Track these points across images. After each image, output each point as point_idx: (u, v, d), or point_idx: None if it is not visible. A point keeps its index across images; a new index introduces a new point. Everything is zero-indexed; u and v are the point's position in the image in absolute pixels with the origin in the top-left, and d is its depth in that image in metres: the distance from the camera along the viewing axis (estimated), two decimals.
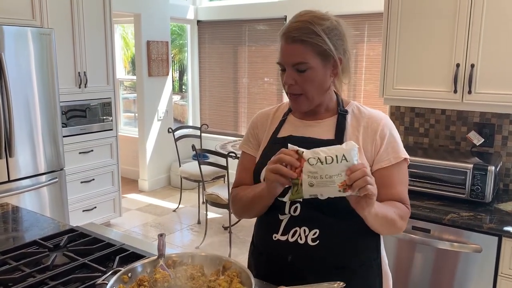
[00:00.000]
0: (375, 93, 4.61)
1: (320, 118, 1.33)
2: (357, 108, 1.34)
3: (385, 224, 1.22)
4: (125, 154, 5.89)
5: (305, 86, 1.24)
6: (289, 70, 1.24)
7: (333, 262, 1.27)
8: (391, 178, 1.28)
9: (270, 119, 1.42)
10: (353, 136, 1.28)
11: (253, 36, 5.67)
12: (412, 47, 2.33)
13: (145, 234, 4.36)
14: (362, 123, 1.30)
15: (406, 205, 1.30)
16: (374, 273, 1.34)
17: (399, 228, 1.28)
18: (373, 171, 1.27)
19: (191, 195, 5.42)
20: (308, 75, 1.23)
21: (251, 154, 1.41)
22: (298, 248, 1.26)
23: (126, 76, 7.06)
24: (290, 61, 1.23)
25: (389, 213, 1.22)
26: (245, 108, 5.91)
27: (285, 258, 1.28)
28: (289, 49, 1.22)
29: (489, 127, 2.44)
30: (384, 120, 1.31)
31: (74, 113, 3.92)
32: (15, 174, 3.19)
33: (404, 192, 1.31)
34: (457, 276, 2.04)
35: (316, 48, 1.21)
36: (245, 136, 1.46)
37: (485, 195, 2.11)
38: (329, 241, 1.25)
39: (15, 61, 3.10)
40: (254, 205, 1.31)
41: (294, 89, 1.25)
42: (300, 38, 1.20)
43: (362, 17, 4.70)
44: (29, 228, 1.80)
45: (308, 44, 1.21)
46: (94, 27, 3.98)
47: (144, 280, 1.15)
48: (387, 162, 1.27)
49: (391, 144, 1.28)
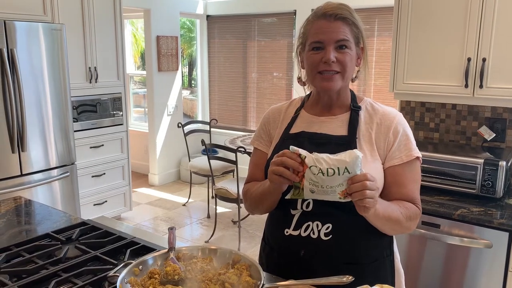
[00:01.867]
0: (385, 88, 4.58)
1: (333, 114, 1.32)
2: (370, 105, 1.33)
3: (387, 224, 1.22)
4: (136, 149, 5.93)
5: (345, 63, 1.24)
6: (330, 47, 1.23)
7: (345, 257, 1.26)
8: (403, 177, 1.26)
9: (282, 115, 1.41)
10: (366, 133, 1.27)
11: (263, 31, 5.65)
12: (422, 41, 2.31)
13: (155, 228, 4.39)
14: (375, 120, 1.29)
15: (416, 205, 1.29)
16: (386, 270, 1.33)
17: (406, 228, 1.27)
18: (385, 168, 1.26)
19: (201, 189, 5.45)
20: (347, 53, 1.24)
21: (263, 150, 1.41)
22: (310, 242, 1.25)
23: (136, 71, 7.09)
24: (334, 37, 1.23)
25: (393, 214, 1.20)
26: (254, 103, 5.90)
27: (297, 253, 1.28)
28: (332, 26, 1.23)
29: (500, 122, 2.41)
30: (398, 118, 1.30)
31: (85, 108, 3.95)
32: (28, 168, 3.23)
33: (416, 192, 1.29)
34: (467, 272, 2.03)
35: (353, 29, 1.25)
36: (257, 131, 1.45)
37: (496, 191, 2.09)
38: (342, 236, 1.24)
39: (27, 57, 3.13)
40: (263, 201, 1.32)
41: (334, 66, 1.24)
42: (344, 16, 1.23)
43: (373, 11, 4.66)
44: (41, 221, 1.82)
45: (349, 23, 1.24)
46: (105, 22, 4.00)
47: (155, 272, 1.16)
48: (399, 160, 1.26)
49: (404, 142, 1.27)
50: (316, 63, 1.24)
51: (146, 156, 5.88)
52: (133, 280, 1.13)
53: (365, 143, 1.26)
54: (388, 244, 1.34)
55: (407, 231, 1.30)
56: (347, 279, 1.12)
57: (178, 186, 5.70)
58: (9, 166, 3.12)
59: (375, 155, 1.25)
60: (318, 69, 1.25)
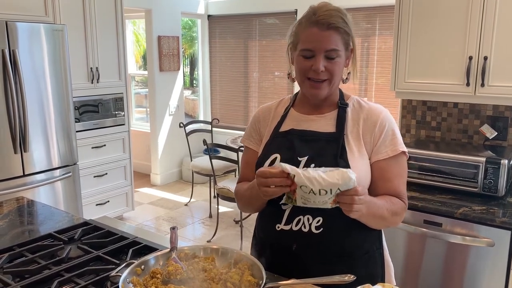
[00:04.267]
0: (387, 87, 4.57)
1: (321, 112, 1.35)
2: (357, 102, 1.36)
3: (373, 220, 1.26)
4: (137, 149, 5.94)
5: (333, 72, 1.27)
6: (319, 56, 1.25)
7: (337, 249, 1.28)
8: (389, 172, 1.28)
9: (272, 114, 1.43)
10: (354, 129, 1.30)
11: (264, 30, 5.65)
12: (424, 40, 2.30)
13: (157, 227, 4.40)
14: (362, 116, 1.32)
15: (402, 199, 1.31)
16: (376, 262, 1.35)
17: (391, 223, 1.30)
18: (372, 162, 1.29)
19: (203, 189, 5.45)
20: (336, 62, 1.26)
21: (253, 149, 1.43)
22: (302, 236, 1.27)
23: (137, 71, 7.10)
24: (324, 47, 1.24)
25: (378, 211, 1.23)
26: (256, 102, 5.90)
27: (289, 248, 1.29)
28: (324, 36, 1.24)
29: (502, 120, 2.41)
30: (384, 113, 1.32)
31: (87, 108, 3.96)
32: (30, 169, 3.24)
33: (401, 186, 1.31)
34: (469, 270, 2.03)
35: (344, 37, 1.26)
36: (247, 130, 1.48)
37: (498, 189, 2.09)
38: (333, 229, 1.27)
39: (29, 57, 3.14)
40: (252, 203, 1.36)
41: (322, 75, 1.26)
42: (336, 25, 1.24)
43: (374, 10, 4.66)
44: (44, 221, 1.83)
45: (340, 32, 1.25)
46: (106, 22, 4.01)
47: (157, 272, 1.17)
48: (385, 155, 1.28)
49: (390, 137, 1.29)
50: (306, 70, 1.28)
51: (148, 156, 5.89)
52: (135, 280, 1.14)
53: (352, 139, 1.29)
54: (378, 237, 1.37)
55: (392, 226, 1.32)
56: (348, 277, 1.13)
57: (180, 186, 5.71)
58: (12, 166, 3.13)
59: (362, 151, 1.28)
60: (307, 75, 1.28)
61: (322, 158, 1.25)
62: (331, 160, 1.24)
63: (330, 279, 1.13)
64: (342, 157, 1.25)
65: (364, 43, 4.81)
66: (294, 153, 1.28)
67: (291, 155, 1.28)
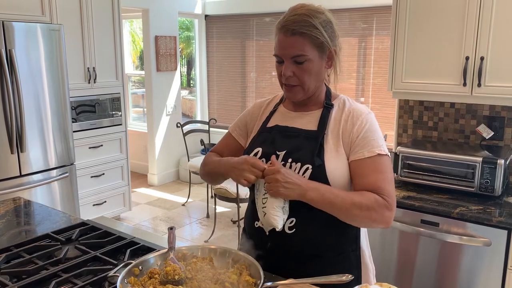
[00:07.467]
0: (384, 87, 4.58)
1: (307, 110, 1.38)
2: (343, 102, 1.37)
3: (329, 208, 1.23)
4: (135, 149, 5.93)
5: (302, 78, 1.29)
6: (287, 62, 1.28)
7: (309, 249, 1.31)
8: (363, 168, 1.27)
9: (262, 109, 1.49)
10: (334, 129, 1.31)
11: (261, 30, 5.65)
12: (421, 40, 2.31)
13: (155, 227, 4.39)
14: (343, 116, 1.33)
15: (382, 195, 1.23)
16: (351, 264, 1.36)
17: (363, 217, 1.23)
18: (349, 162, 1.29)
19: (200, 189, 5.45)
20: (306, 66, 1.27)
21: (236, 138, 1.51)
22: (275, 235, 1.30)
23: (134, 71, 7.08)
24: (289, 53, 1.26)
25: (336, 200, 1.21)
26: (253, 102, 5.89)
27: (265, 245, 1.33)
28: (288, 42, 1.25)
29: (499, 120, 2.42)
30: (365, 115, 1.31)
31: (84, 108, 3.95)
32: (27, 169, 3.23)
33: (380, 182, 1.25)
34: (466, 270, 2.04)
35: (314, 41, 1.25)
36: (237, 120, 1.54)
37: (495, 189, 2.10)
38: (305, 230, 1.29)
39: (25, 57, 3.13)
40: (214, 174, 1.49)
41: (292, 81, 1.30)
42: (300, 30, 1.24)
43: (371, 10, 4.66)
44: (41, 222, 1.82)
45: (307, 36, 1.24)
46: (103, 22, 4.00)
47: (155, 272, 1.17)
48: (361, 155, 1.28)
49: (367, 139, 1.28)
50: (280, 75, 1.32)
51: (145, 156, 5.88)
52: (133, 280, 1.14)
53: (332, 138, 1.30)
54: (354, 239, 1.37)
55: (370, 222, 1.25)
56: (346, 277, 1.13)
57: (177, 186, 5.70)
58: (8, 166, 3.12)
59: (340, 150, 1.29)
60: (281, 80, 1.33)
61: (299, 152, 1.29)
62: (308, 155, 1.27)
63: (327, 279, 1.14)
64: (319, 155, 1.27)
65: (361, 43, 4.81)
66: (274, 147, 1.33)
67: (272, 149, 1.33)
